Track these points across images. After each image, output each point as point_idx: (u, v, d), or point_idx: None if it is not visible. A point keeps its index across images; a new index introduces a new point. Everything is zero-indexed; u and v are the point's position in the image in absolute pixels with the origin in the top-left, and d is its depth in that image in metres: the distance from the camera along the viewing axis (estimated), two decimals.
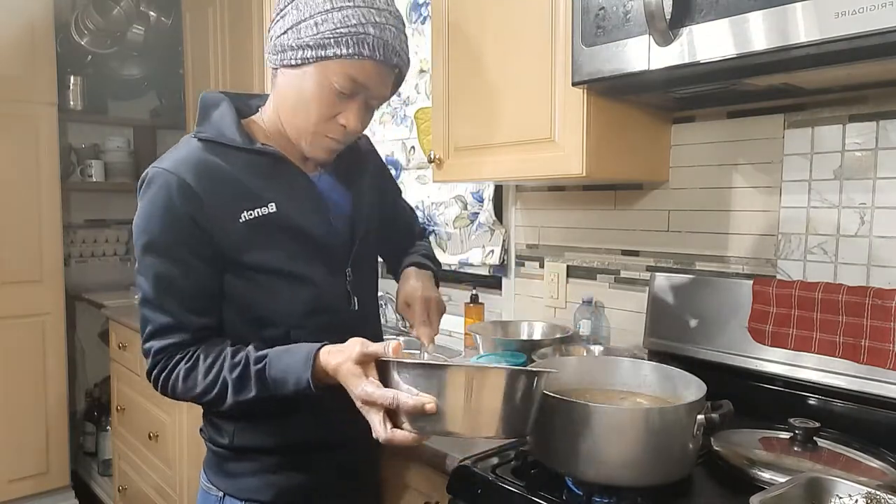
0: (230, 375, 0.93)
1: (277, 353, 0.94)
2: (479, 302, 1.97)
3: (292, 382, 0.90)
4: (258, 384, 0.92)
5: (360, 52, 0.95)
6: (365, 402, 0.84)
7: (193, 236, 0.96)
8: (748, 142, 1.40)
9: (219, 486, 1.08)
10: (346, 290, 1.08)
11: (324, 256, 1.05)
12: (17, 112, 2.76)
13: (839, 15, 0.87)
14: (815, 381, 1.23)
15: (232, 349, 0.96)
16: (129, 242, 3.58)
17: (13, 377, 2.80)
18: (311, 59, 0.96)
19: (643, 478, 0.94)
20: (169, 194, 0.95)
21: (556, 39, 1.34)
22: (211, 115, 1.04)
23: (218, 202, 0.97)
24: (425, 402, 0.80)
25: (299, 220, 1.02)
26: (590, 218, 1.73)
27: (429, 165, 1.71)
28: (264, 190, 1.00)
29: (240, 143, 1.00)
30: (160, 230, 0.96)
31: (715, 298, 1.39)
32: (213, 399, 0.95)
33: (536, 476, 1.02)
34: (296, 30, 0.96)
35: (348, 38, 0.94)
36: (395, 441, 0.83)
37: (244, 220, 0.98)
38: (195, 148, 1.00)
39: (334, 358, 0.88)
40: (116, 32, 3.20)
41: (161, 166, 0.98)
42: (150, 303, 0.98)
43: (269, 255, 1.00)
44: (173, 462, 2.35)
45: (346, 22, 0.93)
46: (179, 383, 0.97)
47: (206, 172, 0.97)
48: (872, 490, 0.82)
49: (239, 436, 1.05)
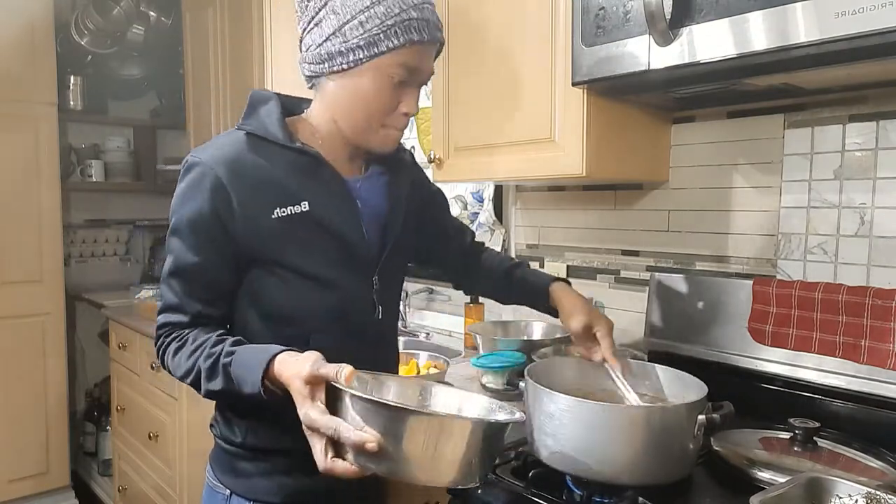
0: (204, 364, 0.94)
1: (245, 350, 0.92)
2: (479, 302, 1.97)
3: (249, 384, 0.88)
4: (224, 378, 0.92)
5: (409, 38, 0.95)
6: (307, 426, 0.80)
7: (215, 232, 0.97)
8: (748, 142, 1.40)
9: (226, 485, 1.07)
10: (372, 298, 1.07)
11: (352, 261, 1.04)
12: (17, 112, 2.76)
13: (839, 15, 0.87)
14: (815, 381, 1.23)
15: (216, 338, 0.95)
16: (129, 242, 3.59)
17: (13, 377, 2.80)
18: (365, 59, 0.96)
19: (643, 477, 0.94)
20: (201, 186, 0.96)
21: (556, 39, 1.34)
22: (258, 111, 1.04)
23: (250, 199, 0.97)
24: (367, 440, 0.75)
25: (331, 221, 1.02)
26: (590, 218, 1.73)
27: (429, 165, 1.71)
28: (299, 189, 1.00)
29: (281, 140, 1.00)
30: (185, 218, 0.97)
31: (715, 298, 1.39)
32: (191, 383, 0.97)
33: (536, 476, 1.02)
34: (340, 33, 0.95)
35: (396, 27, 0.94)
36: (336, 472, 0.79)
37: (276, 217, 0.98)
38: (237, 141, 1.00)
39: (287, 369, 0.84)
40: (116, 32, 3.20)
41: (200, 156, 0.98)
42: (165, 280, 1.01)
43: (297, 254, 0.99)
44: (173, 462, 2.35)
45: (390, 13, 0.94)
46: (169, 360, 1.00)
47: (243, 168, 0.98)
48: (872, 490, 0.82)
49: (252, 435, 1.04)
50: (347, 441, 0.76)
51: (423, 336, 2.17)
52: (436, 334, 2.19)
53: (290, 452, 1.04)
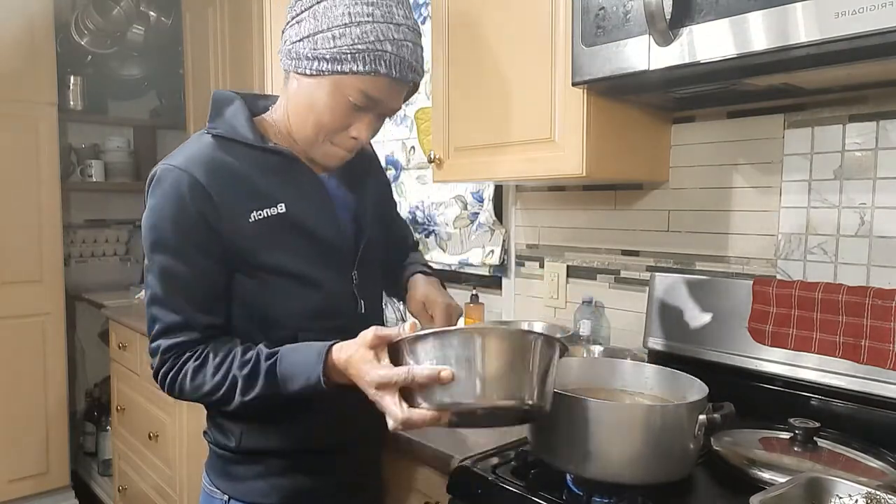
0: (240, 372, 0.92)
1: (289, 349, 0.93)
2: (479, 302, 1.97)
3: (303, 378, 0.89)
4: (265, 380, 0.91)
5: (376, 69, 0.94)
6: (379, 385, 0.81)
7: (203, 235, 0.95)
8: (748, 142, 1.40)
9: (223, 490, 1.07)
10: (353, 293, 1.07)
11: (332, 258, 1.04)
12: (17, 112, 2.76)
13: (839, 15, 0.87)
14: (815, 381, 1.23)
15: (242, 347, 0.96)
16: (130, 242, 3.58)
17: (13, 377, 2.80)
18: (327, 72, 0.95)
19: (643, 477, 0.94)
20: (179, 192, 0.94)
21: (556, 39, 1.34)
22: (224, 112, 1.03)
23: (229, 200, 0.96)
24: (440, 369, 0.77)
25: (308, 220, 1.01)
26: (590, 218, 1.73)
27: (429, 165, 1.71)
28: (274, 190, 0.99)
29: (252, 141, 1.00)
30: (170, 228, 0.95)
31: (715, 298, 1.39)
32: (220, 398, 0.94)
33: (536, 476, 1.02)
34: (312, 40, 0.95)
35: (365, 54, 0.93)
36: (413, 420, 0.79)
37: (254, 220, 0.97)
38: (207, 144, 0.99)
39: (346, 351, 0.86)
40: (116, 32, 3.20)
41: (171, 163, 0.97)
42: (158, 301, 0.97)
43: (277, 255, 0.99)
44: (173, 462, 2.35)
45: (363, 38, 0.93)
46: (188, 382, 0.96)
47: (218, 170, 0.97)
48: (872, 490, 0.82)
49: (246, 438, 1.04)
50: (421, 377, 0.78)
51: None
52: None
53: (285, 453, 1.05)
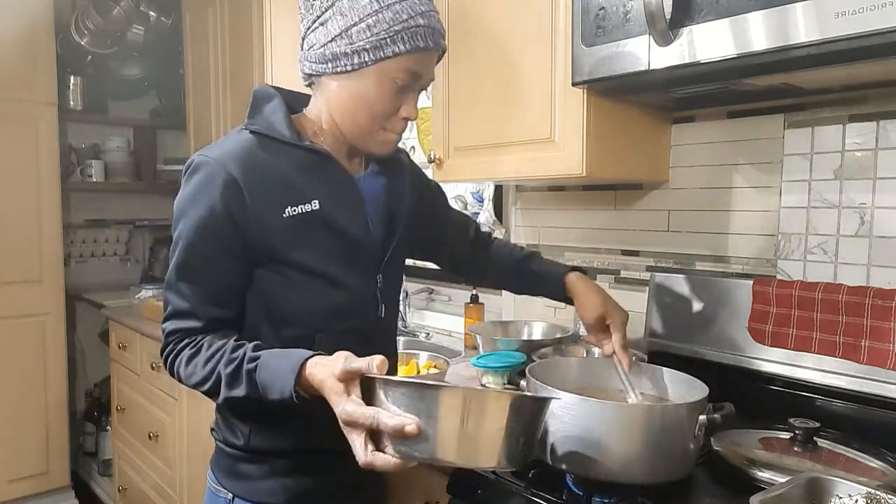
0: (225, 370, 0.92)
1: (270, 355, 0.91)
2: (479, 302, 1.97)
3: (277, 390, 0.88)
4: (248, 384, 0.91)
5: (416, 45, 0.96)
6: (346, 422, 0.79)
7: (227, 231, 0.96)
8: (748, 142, 1.40)
9: (228, 488, 1.06)
10: (376, 297, 1.08)
11: (359, 259, 1.05)
12: (17, 112, 2.76)
13: (839, 15, 0.87)
14: (815, 381, 1.23)
15: (234, 343, 0.95)
16: (130, 242, 3.59)
17: (13, 377, 2.80)
18: (370, 62, 0.96)
19: (644, 477, 0.94)
20: (212, 185, 0.95)
21: (556, 39, 1.34)
22: (263, 109, 1.03)
23: (262, 197, 0.97)
24: (406, 423, 0.74)
25: (340, 219, 1.02)
26: (590, 218, 1.73)
27: (429, 165, 1.71)
28: (308, 187, 1.00)
29: (289, 139, 1.00)
30: (196, 220, 0.96)
31: (715, 298, 1.39)
32: (208, 390, 0.95)
33: (536, 476, 1.02)
34: (346, 35, 0.95)
35: (403, 34, 0.95)
36: (376, 465, 0.77)
37: (287, 216, 0.98)
38: (245, 140, 1.00)
39: (320, 371, 0.83)
40: (116, 32, 3.20)
41: (209, 155, 0.97)
42: (173, 286, 0.99)
43: (306, 252, 0.99)
44: (173, 462, 2.35)
45: (397, 18, 0.94)
46: (182, 368, 0.97)
47: (253, 166, 0.97)
48: (872, 490, 0.82)
49: (255, 437, 1.04)
50: (386, 427, 0.75)
51: (423, 336, 2.17)
52: (436, 334, 2.19)
53: (292, 454, 1.04)
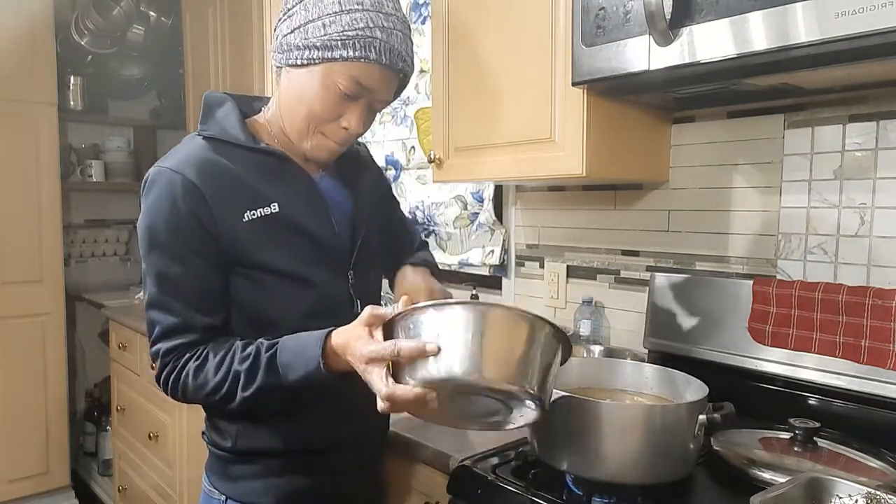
0: (241, 367, 0.92)
1: (289, 338, 0.93)
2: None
3: (302, 366, 0.89)
4: (266, 372, 0.91)
5: (366, 55, 0.95)
6: (368, 360, 0.82)
7: (198, 236, 0.96)
8: (748, 142, 1.40)
9: (221, 490, 1.07)
10: (349, 293, 1.07)
11: (326, 258, 1.05)
12: (17, 112, 2.76)
13: (839, 15, 0.87)
14: (815, 381, 1.23)
15: (242, 343, 0.96)
16: (130, 242, 3.58)
17: (13, 377, 2.80)
18: (318, 60, 0.96)
19: (644, 477, 0.94)
20: (173, 193, 0.95)
21: (556, 39, 1.34)
22: (215, 114, 1.04)
23: (222, 201, 0.97)
24: (425, 342, 0.78)
25: (301, 219, 1.02)
26: (590, 218, 1.73)
27: (429, 165, 1.71)
28: (267, 189, 1.00)
29: (244, 142, 1.01)
30: (165, 230, 0.95)
31: (715, 298, 1.39)
32: (224, 395, 0.94)
33: (536, 476, 1.02)
34: (303, 30, 0.96)
35: (355, 41, 0.94)
36: (397, 396, 0.79)
37: (247, 220, 0.98)
38: (199, 146, 1.00)
39: (344, 333, 0.88)
40: (116, 32, 3.20)
41: (165, 165, 0.98)
42: (156, 304, 0.97)
43: (271, 255, 0.99)
44: (173, 462, 2.35)
45: (353, 25, 0.94)
46: (189, 382, 0.96)
47: (210, 171, 0.97)
48: (872, 490, 0.82)
49: (241, 438, 1.04)
50: (408, 349, 0.79)
51: None
52: None
53: (280, 453, 1.05)
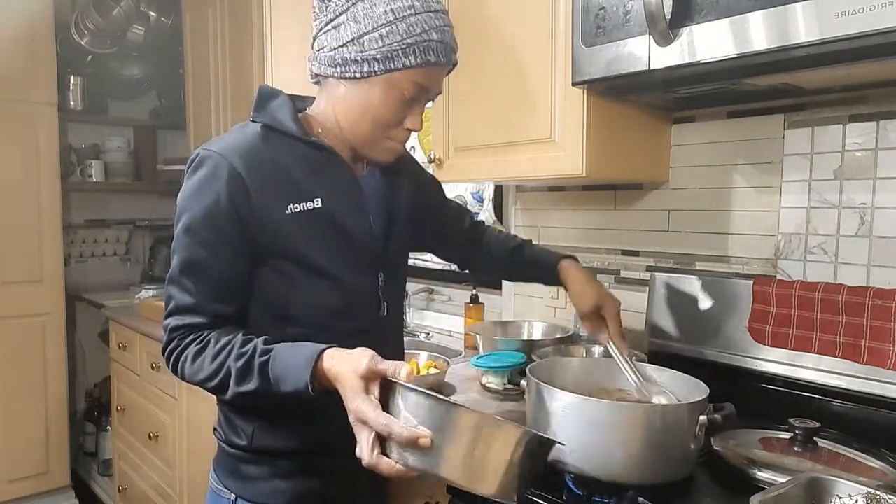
0: (235, 364, 0.92)
1: (283, 348, 0.91)
2: (479, 302, 1.97)
3: (292, 382, 0.87)
4: (260, 377, 0.90)
5: (427, 59, 0.95)
6: (358, 419, 0.80)
7: (231, 225, 0.95)
8: (748, 142, 1.40)
9: (230, 489, 1.06)
10: (378, 295, 1.07)
11: (360, 258, 1.04)
12: (17, 112, 2.76)
13: (839, 15, 0.87)
14: (815, 381, 1.23)
15: (243, 338, 0.94)
16: (130, 242, 3.59)
17: (13, 377, 2.80)
18: (379, 72, 0.96)
19: (644, 477, 0.94)
20: (216, 179, 0.95)
21: (556, 39, 1.34)
22: (269, 105, 1.03)
23: (266, 191, 0.96)
24: (420, 435, 0.75)
25: (342, 217, 1.02)
26: (590, 218, 1.73)
27: (429, 165, 1.71)
28: (311, 184, 1.00)
29: (296, 133, 1.00)
30: (200, 214, 0.95)
31: (715, 298, 1.39)
32: (216, 386, 0.94)
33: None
34: (358, 43, 0.95)
35: (416, 47, 0.94)
36: (379, 469, 0.79)
37: (290, 212, 0.97)
38: (250, 133, 1.00)
39: (338, 365, 0.84)
40: (116, 32, 3.20)
41: (213, 149, 0.97)
42: (176, 281, 0.98)
43: (308, 250, 0.99)
44: (173, 462, 2.35)
45: (411, 32, 0.94)
46: (188, 364, 0.96)
47: (258, 160, 0.97)
48: (872, 490, 0.82)
49: (258, 437, 1.03)
50: (399, 437, 0.76)
51: (423, 336, 2.17)
52: (436, 334, 2.19)
53: (295, 455, 1.04)
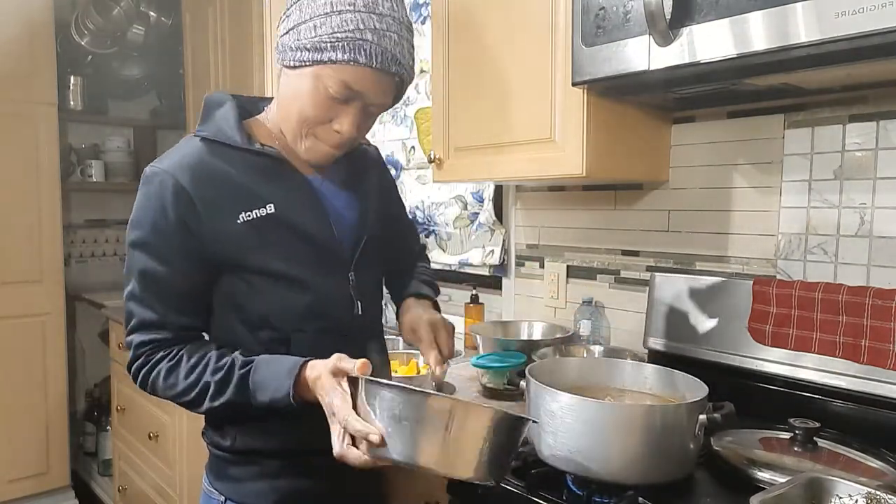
0: (213, 378, 0.94)
1: (265, 360, 0.94)
2: (479, 302, 1.97)
3: (272, 389, 0.90)
4: (236, 388, 0.93)
5: (355, 58, 0.93)
6: (329, 412, 0.85)
7: (183, 239, 0.96)
8: (748, 142, 1.40)
9: (220, 491, 1.07)
10: (350, 295, 1.07)
11: (323, 259, 1.04)
12: (17, 112, 2.76)
13: (839, 15, 0.87)
14: (815, 381, 1.23)
15: (217, 353, 0.96)
16: None
17: (13, 377, 2.80)
18: (308, 62, 0.95)
19: (644, 477, 0.94)
20: (163, 195, 0.95)
21: (556, 39, 1.34)
22: (213, 115, 1.03)
23: (215, 204, 0.97)
24: (370, 432, 0.78)
25: (297, 220, 1.01)
26: (590, 218, 1.73)
27: (429, 165, 1.71)
28: (262, 191, 1.00)
29: (239, 143, 1.00)
30: (150, 229, 0.96)
31: (715, 298, 1.39)
32: (191, 400, 0.96)
33: (536, 476, 1.02)
34: (296, 31, 0.96)
35: (344, 43, 0.93)
36: (347, 459, 0.82)
37: (242, 221, 0.97)
38: (195, 147, 1.00)
39: (314, 371, 0.88)
40: (116, 32, 3.20)
41: (159, 166, 0.98)
42: (135, 297, 0.98)
43: (266, 256, 0.99)
44: (173, 462, 2.35)
45: (343, 27, 0.93)
46: (160, 381, 0.97)
47: (205, 174, 0.97)
48: (872, 490, 0.82)
49: (241, 438, 1.04)
50: (353, 430, 0.79)
51: None
52: None
53: (280, 454, 1.05)
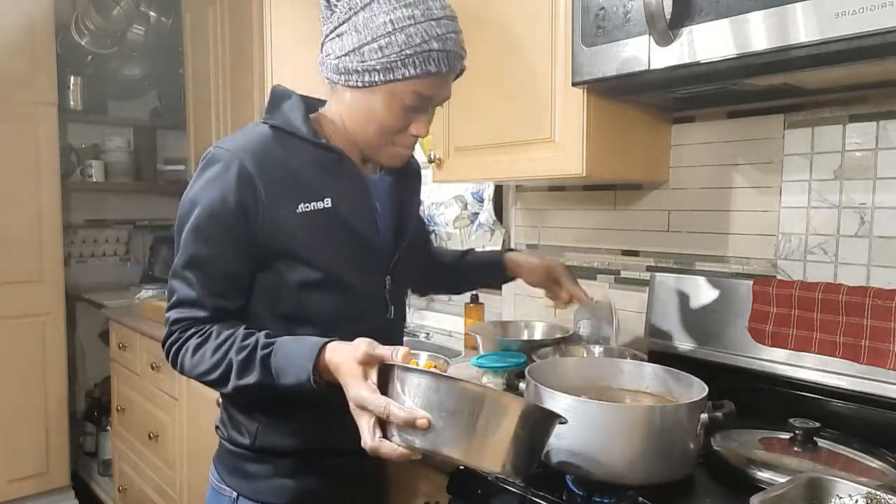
0: (236, 357, 0.92)
1: (285, 341, 0.92)
2: (479, 302, 1.97)
3: (294, 373, 0.88)
4: (261, 370, 0.91)
5: (427, 69, 0.95)
6: (358, 405, 0.81)
7: (238, 224, 0.96)
8: (748, 142, 1.40)
9: (232, 487, 1.06)
10: (384, 298, 1.08)
11: (368, 260, 1.05)
12: (17, 112, 2.76)
13: (839, 15, 0.87)
14: (815, 381, 1.23)
15: (244, 332, 0.95)
16: (130, 242, 3.59)
17: (13, 377, 2.80)
18: (379, 82, 0.96)
19: (643, 477, 0.94)
20: (227, 176, 0.95)
21: (556, 39, 1.34)
22: (281, 106, 1.04)
23: (275, 191, 0.97)
24: (417, 416, 0.75)
25: (351, 219, 1.02)
26: (590, 218, 1.73)
27: (429, 165, 1.71)
28: (322, 185, 1.00)
29: (306, 135, 1.01)
30: (207, 211, 0.96)
31: (715, 298, 1.39)
32: (216, 378, 0.94)
33: (536, 476, 1.02)
34: (359, 53, 0.95)
35: (414, 58, 0.94)
36: (381, 452, 0.79)
37: (301, 212, 0.98)
38: (262, 135, 1.00)
39: (338, 354, 0.85)
40: (116, 32, 3.20)
41: (225, 147, 0.98)
42: (179, 274, 0.99)
43: (316, 250, 1.00)
44: (173, 462, 2.35)
45: (410, 42, 0.93)
46: (188, 357, 0.97)
47: (268, 160, 0.98)
48: (872, 490, 0.82)
49: (262, 436, 1.04)
50: (397, 418, 0.77)
51: (423, 336, 2.17)
52: (436, 334, 2.19)
53: (298, 454, 1.05)
